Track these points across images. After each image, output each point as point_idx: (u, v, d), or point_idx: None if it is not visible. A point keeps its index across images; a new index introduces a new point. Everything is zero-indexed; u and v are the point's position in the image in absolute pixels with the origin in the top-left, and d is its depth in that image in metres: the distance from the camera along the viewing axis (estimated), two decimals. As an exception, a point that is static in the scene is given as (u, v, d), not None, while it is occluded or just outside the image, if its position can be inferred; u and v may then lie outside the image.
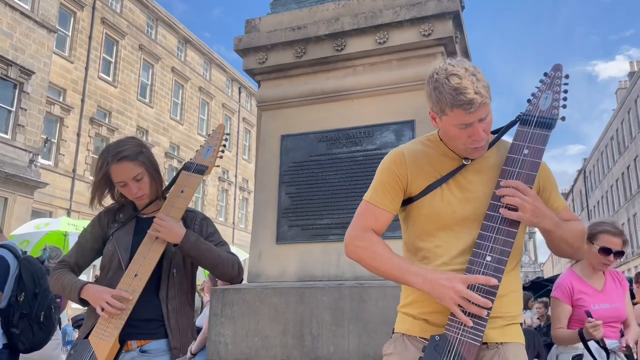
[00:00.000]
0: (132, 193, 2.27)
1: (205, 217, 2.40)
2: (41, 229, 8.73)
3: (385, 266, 1.74)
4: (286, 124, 3.72)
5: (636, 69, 37.61)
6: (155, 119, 27.79)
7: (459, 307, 1.57)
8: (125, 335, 2.09)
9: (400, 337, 1.79)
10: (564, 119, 1.79)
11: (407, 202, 1.83)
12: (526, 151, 1.72)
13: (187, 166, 2.39)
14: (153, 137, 27.81)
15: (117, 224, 2.31)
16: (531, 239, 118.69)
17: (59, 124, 23.08)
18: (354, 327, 3.02)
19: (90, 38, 23.98)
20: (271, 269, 3.46)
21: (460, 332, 1.58)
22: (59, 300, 4.38)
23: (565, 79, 1.83)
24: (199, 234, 2.27)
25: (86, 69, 23.86)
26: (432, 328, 1.68)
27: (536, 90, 1.84)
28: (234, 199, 34.19)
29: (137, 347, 2.12)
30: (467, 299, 1.56)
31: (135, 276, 2.14)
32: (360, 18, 3.58)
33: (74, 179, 23.83)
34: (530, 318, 9.37)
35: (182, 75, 29.77)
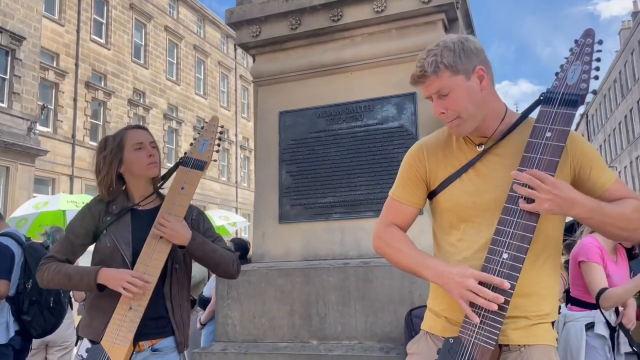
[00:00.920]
0: (146, 158, 2.22)
1: (200, 212, 2.35)
2: (40, 208, 8.63)
3: (404, 260, 1.72)
4: (284, 100, 3.62)
5: (640, 7, 36.63)
6: (151, 81, 27.42)
7: (467, 303, 1.51)
8: (137, 336, 2.07)
9: (424, 335, 1.76)
10: (595, 92, 1.65)
11: (431, 196, 1.79)
12: (548, 134, 1.57)
13: (184, 161, 2.32)
14: (150, 99, 27.51)
15: (110, 216, 2.21)
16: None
17: (54, 90, 22.80)
18: (360, 306, 3.02)
19: (79, -1, 23.39)
20: (275, 249, 3.44)
21: (475, 335, 1.51)
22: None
23: (598, 44, 1.63)
24: (196, 229, 2.22)
25: (77, 31, 23.35)
26: (453, 327, 1.62)
27: (564, 61, 1.64)
28: (235, 158, 34.13)
29: (149, 346, 2.12)
30: (477, 294, 1.48)
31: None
32: (356, -15, 3.42)
33: (74, 144, 23.75)
34: None
35: (176, 33, 29.14)
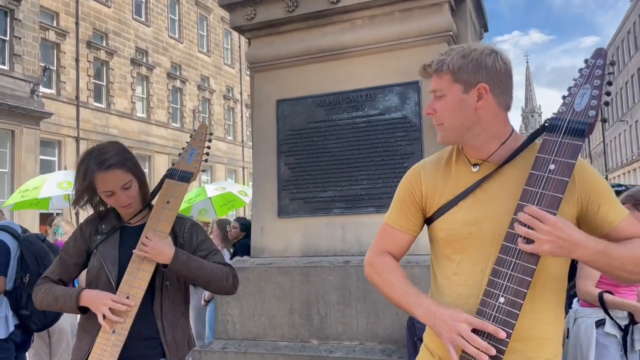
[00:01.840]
0: (120, 202, 2.10)
1: (194, 224, 2.24)
2: (66, 190, 8.47)
3: (395, 294, 1.62)
4: (281, 87, 3.44)
5: (660, -47, 35.10)
6: (153, 39, 26.93)
7: (456, 349, 1.42)
8: (124, 358, 2.01)
9: None
10: (605, 120, 1.51)
11: (428, 222, 1.67)
12: (552, 166, 1.43)
13: (171, 173, 2.20)
14: (153, 57, 27.10)
15: (100, 235, 2.15)
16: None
17: (55, 51, 22.47)
18: (362, 307, 2.95)
19: (76, -46, 22.72)
20: (275, 244, 3.35)
21: None
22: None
23: (610, 66, 1.47)
24: (188, 242, 2.14)
25: (76, -12, 22.83)
26: None
27: (573, 84, 1.49)
28: (240, 117, 33.86)
29: None
30: (468, 342, 1.39)
31: (127, 298, 2.03)
32: (356, -37, 3.18)
33: (78, 106, 23.60)
34: None
35: (177, -12, 28.42)
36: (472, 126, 1.53)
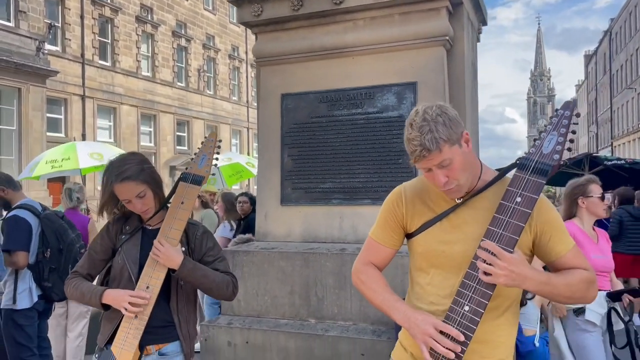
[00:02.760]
0: (136, 209, 2.38)
1: (205, 231, 2.51)
2: (97, 159, 8.75)
3: (377, 300, 1.91)
4: (286, 82, 3.64)
5: None
6: (158, -4, 26.61)
7: (427, 348, 1.70)
8: (144, 342, 2.32)
9: None
10: (565, 164, 1.75)
11: (409, 237, 1.93)
12: (518, 199, 1.69)
13: (184, 177, 2.45)
14: (158, 15, 26.84)
15: (124, 235, 2.44)
16: (550, 102, 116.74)
17: (60, 7, 22.33)
18: (355, 291, 3.22)
19: None
20: (278, 229, 3.62)
21: None
22: (83, 251, 4.68)
23: (576, 117, 1.72)
24: (199, 247, 2.40)
25: (79, -59, 22.46)
26: None
27: (544, 128, 1.73)
28: (245, 77, 33.71)
29: (156, 350, 2.36)
30: (436, 342, 1.67)
31: (147, 288, 2.32)
32: (359, -34, 3.32)
33: (84, 64, 23.59)
34: None
35: (182, -57, 27.87)
36: (473, 169, 1.78)
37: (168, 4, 27.25)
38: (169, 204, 2.54)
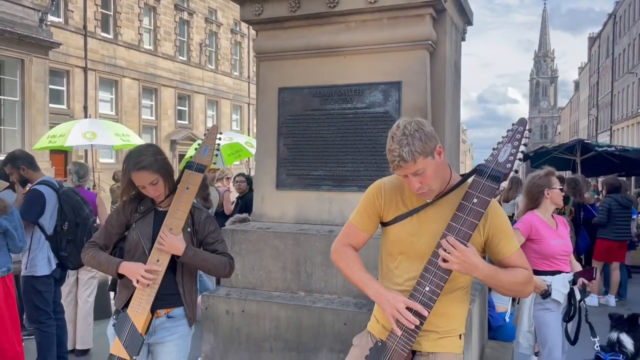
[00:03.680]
0: (150, 194, 2.77)
1: (208, 216, 2.89)
2: (90, 140, 9.13)
3: (352, 277, 2.32)
4: (283, 77, 3.96)
5: None
6: (161, -31, 26.51)
7: (394, 320, 2.10)
8: (155, 306, 2.73)
9: (366, 332, 2.39)
10: (516, 172, 2.10)
11: (383, 225, 2.32)
12: (475, 200, 2.03)
13: (189, 165, 2.83)
14: (161, -12, 26.81)
15: (138, 214, 2.83)
16: (552, 84, 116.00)
17: (63, -21, 22.33)
18: (341, 268, 3.63)
19: None
20: (273, 211, 3.99)
21: (396, 343, 2.13)
22: (97, 224, 5.09)
23: (528, 132, 2.07)
24: (202, 230, 2.81)
25: None
26: (385, 332, 2.24)
27: (501, 139, 2.08)
28: (247, 52, 33.75)
29: (165, 314, 2.77)
30: (402, 315, 2.07)
31: (157, 261, 2.71)
32: (352, -26, 3.62)
33: (86, 36, 23.68)
34: None
35: None
36: (444, 177, 2.15)
37: (171, -24, 27.18)
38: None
